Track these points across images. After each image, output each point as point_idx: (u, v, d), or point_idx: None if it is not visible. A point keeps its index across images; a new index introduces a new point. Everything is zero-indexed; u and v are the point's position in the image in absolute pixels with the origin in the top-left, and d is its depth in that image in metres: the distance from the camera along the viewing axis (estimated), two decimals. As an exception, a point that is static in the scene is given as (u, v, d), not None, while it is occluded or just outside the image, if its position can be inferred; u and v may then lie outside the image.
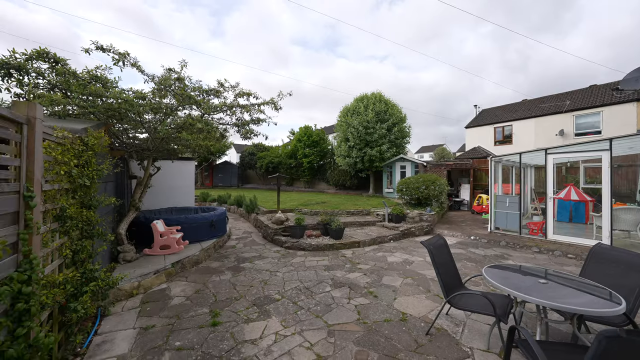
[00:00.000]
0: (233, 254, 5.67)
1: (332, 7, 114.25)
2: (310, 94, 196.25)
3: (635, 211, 5.75)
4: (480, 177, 13.08)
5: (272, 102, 4.96)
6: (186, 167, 7.89)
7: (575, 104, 17.36)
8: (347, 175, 16.59)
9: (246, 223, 9.39)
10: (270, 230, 6.82)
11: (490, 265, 2.74)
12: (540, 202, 9.48)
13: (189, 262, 4.66)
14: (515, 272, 2.65)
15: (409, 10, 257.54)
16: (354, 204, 10.60)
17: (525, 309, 2.43)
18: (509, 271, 2.65)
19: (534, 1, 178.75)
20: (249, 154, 24.69)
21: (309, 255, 5.59)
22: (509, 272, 2.62)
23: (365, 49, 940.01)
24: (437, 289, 3.88)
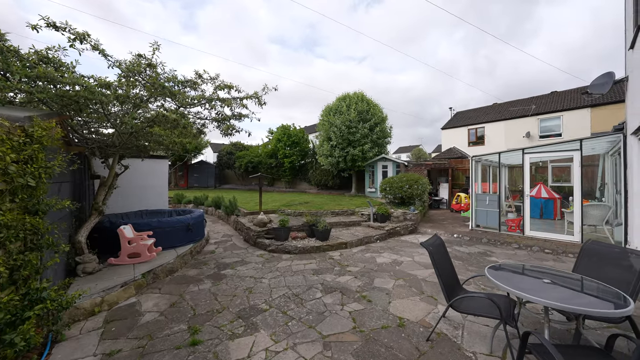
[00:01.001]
0: (212, 259, 5.24)
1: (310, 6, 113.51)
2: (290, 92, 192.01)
3: (601, 207, 6.15)
4: (458, 177, 13.55)
5: (255, 97, 4.61)
6: (159, 166, 7.24)
7: (540, 109, 18.69)
8: (329, 175, 16.46)
9: (225, 225, 8.87)
10: (252, 233, 6.43)
11: (491, 265, 2.67)
12: (514, 199, 9.98)
13: (163, 271, 4.18)
14: (517, 273, 2.59)
15: (386, 13, 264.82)
16: (337, 204, 10.46)
17: (528, 309, 2.36)
18: (510, 272, 2.58)
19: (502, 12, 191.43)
20: (227, 153, 23.72)
21: (295, 259, 5.31)
22: (510, 272, 2.56)
23: (344, 50, 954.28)
24: (430, 290, 3.80)
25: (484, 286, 3.93)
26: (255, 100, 4.69)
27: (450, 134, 24.04)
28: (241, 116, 5.04)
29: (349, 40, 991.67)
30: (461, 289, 2.84)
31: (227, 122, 4.62)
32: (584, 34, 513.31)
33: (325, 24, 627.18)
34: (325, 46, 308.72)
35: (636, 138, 4.68)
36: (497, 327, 2.41)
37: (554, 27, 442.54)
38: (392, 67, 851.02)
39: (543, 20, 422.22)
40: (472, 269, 4.75)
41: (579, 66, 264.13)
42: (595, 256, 2.66)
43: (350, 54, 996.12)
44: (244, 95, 4.61)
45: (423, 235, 7.52)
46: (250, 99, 4.65)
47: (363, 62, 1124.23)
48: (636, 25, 4.70)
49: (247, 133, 4.98)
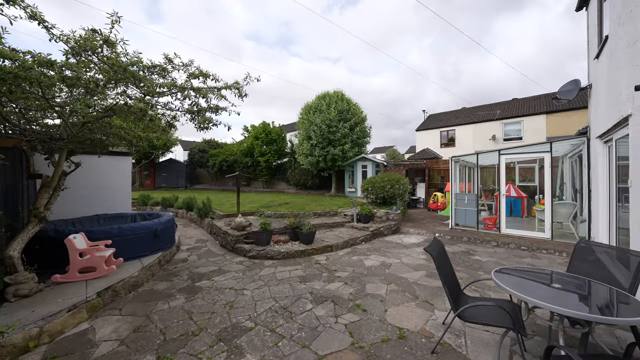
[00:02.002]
0: (185, 269, 4.66)
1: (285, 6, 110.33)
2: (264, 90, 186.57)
3: (568, 205, 6.59)
4: (433, 177, 14.00)
5: (236, 87, 4.14)
6: (120, 164, 6.37)
7: (504, 114, 20.11)
8: (308, 174, 16.13)
9: (198, 229, 8.15)
10: (230, 238, 5.91)
11: (498, 269, 2.56)
12: (486, 198, 10.49)
13: (125, 286, 3.57)
14: (524, 278, 2.49)
15: (359, 16, 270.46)
16: (319, 205, 10.19)
17: (537, 316, 2.27)
18: (516, 276, 2.48)
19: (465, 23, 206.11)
20: (200, 150, 22.31)
21: (279, 265, 4.93)
22: (517, 277, 2.46)
23: (319, 49, 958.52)
24: (424, 294, 3.67)
25: (475, 288, 3.90)
26: (235, 91, 4.21)
27: (423, 135, 25.00)
28: (218, 109, 4.52)
29: (324, 40, 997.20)
30: (463, 295, 2.71)
31: (202, 114, 4.09)
32: (533, 49, 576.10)
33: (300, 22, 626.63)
34: (300, 44, 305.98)
35: (601, 141, 5.00)
36: (504, 336, 2.28)
37: (508, 42, 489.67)
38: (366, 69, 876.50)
39: (498, 35, 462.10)
40: (460, 269, 4.75)
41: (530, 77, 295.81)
42: (589, 255, 2.68)
43: (325, 54, 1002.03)
44: (222, 85, 4.12)
45: (406, 235, 7.53)
46: (230, 90, 4.17)
47: (338, 63, 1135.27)
48: (600, 39, 5.02)
49: (227, 127, 4.47)
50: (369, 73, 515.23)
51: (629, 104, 3.33)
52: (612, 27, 4.01)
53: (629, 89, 3.36)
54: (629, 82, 3.36)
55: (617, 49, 3.85)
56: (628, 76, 3.39)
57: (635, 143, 3.23)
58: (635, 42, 3.15)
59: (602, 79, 4.71)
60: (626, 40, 3.45)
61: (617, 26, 3.79)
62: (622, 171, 4.17)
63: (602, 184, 5.02)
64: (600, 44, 4.93)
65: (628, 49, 3.37)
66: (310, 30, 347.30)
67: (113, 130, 4.46)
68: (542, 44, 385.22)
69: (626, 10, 3.40)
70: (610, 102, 4.18)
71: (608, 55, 4.29)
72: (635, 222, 3.25)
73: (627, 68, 3.44)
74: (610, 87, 4.23)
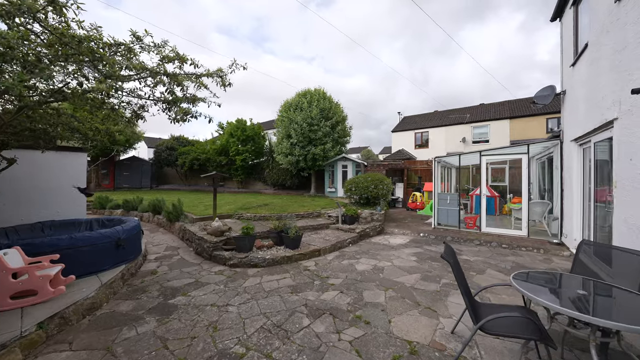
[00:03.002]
0: (155, 284, 4.03)
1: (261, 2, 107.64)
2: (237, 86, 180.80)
3: (542, 204, 6.97)
4: (411, 177, 14.32)
5: (218, 75, 3.62)
6: (71, 161, 5.42)
7: (473, 117, 21.36)
8: (287, 174, 15.63)
9: (168, 235, 7.33)
10: (207, 245, 5.31)
11: (516, 273, 2.42)
12: (462, 197, 10.91)
13: (78, 311, 2.90)
14: (541, 282, 2.38)
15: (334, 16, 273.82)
16: (300, 206, 9.81)
17: (559, 323, 2.15)
18: (537, 282, 2.36)
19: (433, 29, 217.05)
20: (168, 148, 20.62)
21: (264, 274, 4.48)
22: (537, 282, 2.33)
23: (294, 48, 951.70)
24: (425, 300, 3.50)
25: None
26: (218, 79, 3.70)
27: (399, 136, 25.72)
28: (196, 99, 3.97)
29: (299, 39, 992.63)
30: (475, 303, 2.54)
31: (179, 105, 3.51)
32: (493, 58, 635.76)
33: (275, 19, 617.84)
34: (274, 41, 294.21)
35: (576, 144, 5.30)
36: (524, 347, 2.13)
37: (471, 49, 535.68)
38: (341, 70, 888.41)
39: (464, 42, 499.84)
40: (451, 269, 4.69)
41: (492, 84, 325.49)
42: (593, 256, 2.67)
43: (300, 52, 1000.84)
44: (202, 72, 3.58)
45: (391, 235, 7.46)
46: (211, 78, 3.65)
47: (313, 62, 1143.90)
48: (577, 47, 5.31)
49: (208, 119, 3.92)
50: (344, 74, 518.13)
51: (615, 108, 3.45)
52: (594, 35, 4.19)
53: (615, 93, 3.48)
54: (615, 87, 3.48)
55: (599, 56, 4.02)
56: (614, 81, 3.51)
57: (621, 145, 3.34)
58: (624, 49, 3.25)
59: (580, 85, 4.96)
60: (612, 47, 3.57)
61: (600, 34, 3.95)
62: (601, 172, 4.39)
63: (576, 184, 5.31)
64: (577, 52, 5.21)
65: (614, 56, 3.49)
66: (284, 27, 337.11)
67: (62, 119, 3.69)
68: (500, 54, 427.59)
69: (612, 19, 3.52)
70: (590, 107, 4.38)
71: (588, 62, 4.50)
72: (621, 221, 3.37)
73: (612, 73, 3.56)
74: (590, 92, 4.44)
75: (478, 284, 4.02)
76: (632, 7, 2.99)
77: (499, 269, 4.72)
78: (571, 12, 5.42)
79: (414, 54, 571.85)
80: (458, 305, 3.37)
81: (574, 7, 5.31)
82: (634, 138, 3.01)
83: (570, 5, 5.40)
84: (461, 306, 3.33)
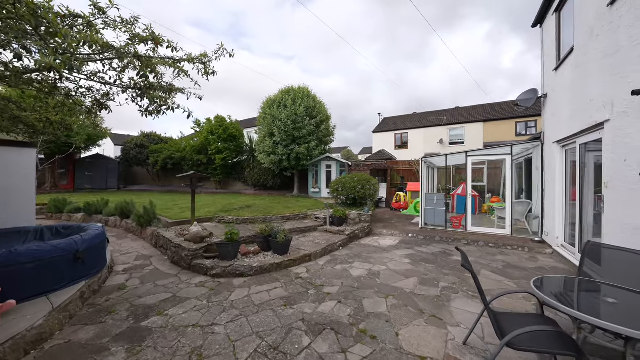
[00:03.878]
0: (123, 302, 3.46)
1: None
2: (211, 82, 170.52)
3: (524, 204, 7.22)
4: (393, 177, 14.45)
5: (201, 61, 3.16)
6: (14, 159, 4.56)
7: (450, 120, 22.21)
8: (269, 174, 15.07)
9: (139, 242, 6.58)
10: (185, 253, 4.77)
11: (537, 279, 2.27)
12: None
13: (17, 347, 2.31)
14: (566, 290, 2.25)
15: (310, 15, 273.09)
16: (285, 207, 9.40)
17: (590, 335, 2.03)
18: (556, 289, 2.23)
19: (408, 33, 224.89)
20: (137, 146, 19.02)
21: (252, 284, 4.07)
22: (558, 290, 2.20)
23: (271, 45, 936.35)
24: (428, 307, 3.32)
25: (473, 294, 3.72)
26: (200, 66, 3.23)
27: (379, 137, 26.09)
28: (172, 90, 3.46)
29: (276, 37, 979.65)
30: (496, 314, 2.37)
31: (152, 93, 3.00)
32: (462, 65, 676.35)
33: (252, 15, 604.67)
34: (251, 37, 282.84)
35: (559, 146, 5.48)
36: (543, 357, 1.99)
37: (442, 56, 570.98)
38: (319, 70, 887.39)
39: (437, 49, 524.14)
40: (447, 272, 4.62)
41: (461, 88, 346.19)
42: (602, 258, 2.62)
43: (277, 50, 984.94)
44: (182, 57, 3.09)
45: (380, 236, 7.33)
46: (193, 64, 3.17)
47: (291, 61, 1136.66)
48: (559, 52, 5.49)
49: (187, 113, 3.40)
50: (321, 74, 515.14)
51: (606, 110, 3.50)
52: (581, 40, 4.29)
53: (606, 96, 3.53)
54: (606, 90, 3.53)
55: (586, 59, 4.11)
56: (604, 84, 3.56)
57: (613, 146, 3.39)
58: (616, 52, 3.29)
59: (564, 88, 5.11)
60: (602, 50, 3.64)
61: (588, 39, 4.03)
62: (587, 173, 4.52)
63: (558, 184, 5.49)
64: (559, 57, 5.38)
65: (605, 59, 3.55)
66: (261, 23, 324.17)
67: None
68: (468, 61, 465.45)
69: (603, 23, 3.57)
70: (576, 110, 4.50)
71: (573, 66, 4.62)
72: (612, 220, 3.43)
73: (602, 76, 3.62)
74: (575, 95, 4.56)
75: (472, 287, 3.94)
76: (627, 11, 3.03)
77: (492, 270, 4.72)
78: (553, 19, 5.60)
79: (389, 57, 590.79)
80: (463, 311, 3.23)
81: (556, 14, 5.49)
82: (628, 139, 3.05)
83: (553, 12, 5.57)
84: (467, 312, 3.20)
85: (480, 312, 2.51)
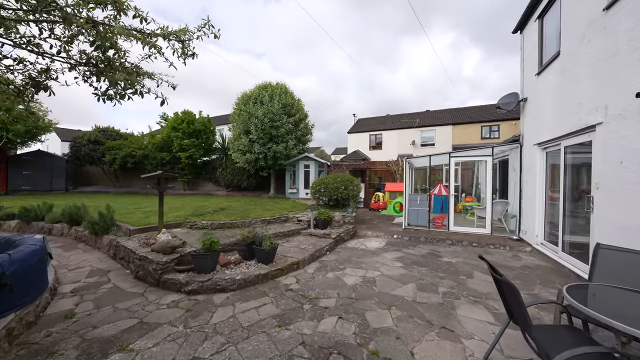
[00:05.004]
0: (71, 335, 2.73)
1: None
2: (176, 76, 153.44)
3: (502, 203, 7.52)
4: (371, 177, 14.50)
5: (179, 38, 2.56)
6: None
7: (422, 122, 23.10)
8: (244, 174, 14.22)
9: (92, 253, 5.58)
10: (152, 266, 4.05)
11: (570, 286, 2.12)
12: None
13: None
14: (600, 293, 2.11)
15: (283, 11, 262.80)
16: (264, 209, 8.80)
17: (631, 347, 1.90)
18: (589, 298, 2.09)
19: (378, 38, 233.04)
20: (91, 142, 16.76)
21: (237, 300, 3.54)
22: (593, 300, 2.06)
23: (241, 41, 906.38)
24: (435, 318, 3.10)
25: (476, 300, 3.60)
26: (177, 45, 2.63)
27: (355, 137, 26.31)
28: (139, 74, 2.82)
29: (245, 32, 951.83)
30: (527, 327, 2.18)
31: (113, 75, 2.34)
32: (427, 71, 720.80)
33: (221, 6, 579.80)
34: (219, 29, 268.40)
35: (540, 148, 5.71)
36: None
37: (410, 62, 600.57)
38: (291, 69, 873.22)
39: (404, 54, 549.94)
40: (442, 275, 4.50)
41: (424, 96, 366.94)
42: (615, 262, 2.59)
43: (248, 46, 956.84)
44: (154, 30, 2.48)
45: (365, 239, 7.13)
46: (168, 41, 2.57)
47: (262, 58, 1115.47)
48: (541, 57, 5.72)
49: (161, 99, 2.76)
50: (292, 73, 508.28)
51: (599, 113, 3.59)
52: (569, 45, 4.43)
53: (599, 99, 3.62)
54: (599, 93, 3.62)
55: (576, 64, 4.22)
56: (597, 87, 3.65)
57: (605, 148, 3.48)
58: (613, 56, 3.37)
59: (547, 92, 5.31)
60: (594, 55, 3.73)
61: (578, 44, 4.14)
62: (569, 174, 4.70)
63: (539, 185, 5.71)
64: (542, 62, 5.59)
65: (598, 63, 3.64)
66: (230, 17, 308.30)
67: None
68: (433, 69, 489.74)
69: (597, 27, 3.66)
70: (562, 113, 4.65)
71: (558, 70, 4.78)
72: (603, 220, 3.53)
73: (595, 80, 3.71)
74: (561, 99, 4.72)
75: (476, 290, 3.85)
76: (627, 15, 3.09)
77: (482, 270, 4.72)
78: (536, 25, 5.82)
79: (360, 60, 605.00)
80: (471, 320, 3.06)
81: (539, 20, 5.71)
82: (624, 141, 3.12)
83: (536, 19, 5.79)
84: (475, 321, 3.04)
85: (503, 326, 2.32)
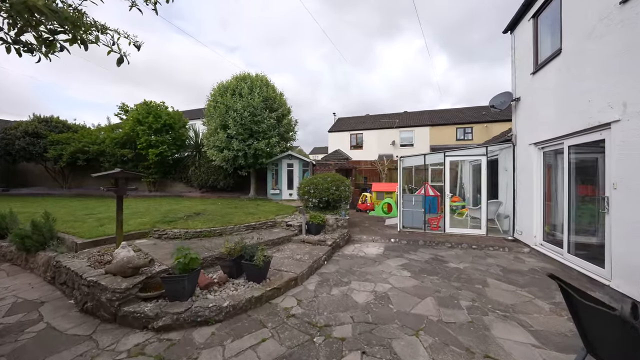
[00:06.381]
0: None
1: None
2: (139, 65, 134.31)
3: (495, 204, 7.43)
4: (356, 177, 14.13)
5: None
6: None
7: (401, 123, 23.40)
8: (220, 173, 12.98)
9: (21, 277, 4.32)
10: (107, 295, 3.06)
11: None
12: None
13: None
14: None
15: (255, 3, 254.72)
16: (247, 213, 7.87)
17: None
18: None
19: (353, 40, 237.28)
20: (28, 134, 14.16)
21: (226, 337, 2.74)
22: None
23: (211, 33, 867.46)
24: (472, 344, 2.60)
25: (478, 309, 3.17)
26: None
27: (335, 137, 25.95)
28: (79, 21, 1.92)
29: (216, 23, 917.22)
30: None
31: (34, 18, 1.45)
32: (400, 74, 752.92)
33: None
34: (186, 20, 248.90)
35: (536, 148, 5.60)
36: None
37: (384, 65, 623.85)
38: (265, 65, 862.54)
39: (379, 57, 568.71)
40: (455, 284, 4.07)
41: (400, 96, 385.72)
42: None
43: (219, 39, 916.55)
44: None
45: (361, 243, 6.59)
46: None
47: (235, 52, 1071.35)
48: (537, 56, 5.61)
49: (119, 54, 1.85)
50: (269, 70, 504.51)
51: (615, 111, 3.39)
52: (573, 42, 4.27)
53: (615, 96, 3.43)
54: (615, 90, 3.42)
55: (581, 61, 4.06)
56: (612, 85, 3.47)
57: (622, 147, 3.29)
58: (628, 51, 3.16)
59: (545, 91, 5.17)
60: (606, 51, 3.55)
61: (585, 40, 3.98)
62: (579, 174, 4.55)
63: (536, 185, 5.59)
64: (538, 61, 5.47)
65: (611, 59, 3.46)
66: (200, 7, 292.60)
67: None
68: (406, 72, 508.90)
69: (610, 22, 3.47)
70: (565, 112, 4.49)
71: (559, 68, 4.63)
72: (621, 220, 3.32)
73: (609, 77, 3.53)
74: (563, 97, 4.56)
75: (500, 302, 3.45)
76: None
77: (496, 277, 4.39)
78: (530, 24, 5.71)
79: (335, 61, 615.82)
80: (512, 342, 2.62)
81: (533, 20, 5.60)
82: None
83: (530, 18, 5.68)
84: (516, 344, 2.59)
85: None
